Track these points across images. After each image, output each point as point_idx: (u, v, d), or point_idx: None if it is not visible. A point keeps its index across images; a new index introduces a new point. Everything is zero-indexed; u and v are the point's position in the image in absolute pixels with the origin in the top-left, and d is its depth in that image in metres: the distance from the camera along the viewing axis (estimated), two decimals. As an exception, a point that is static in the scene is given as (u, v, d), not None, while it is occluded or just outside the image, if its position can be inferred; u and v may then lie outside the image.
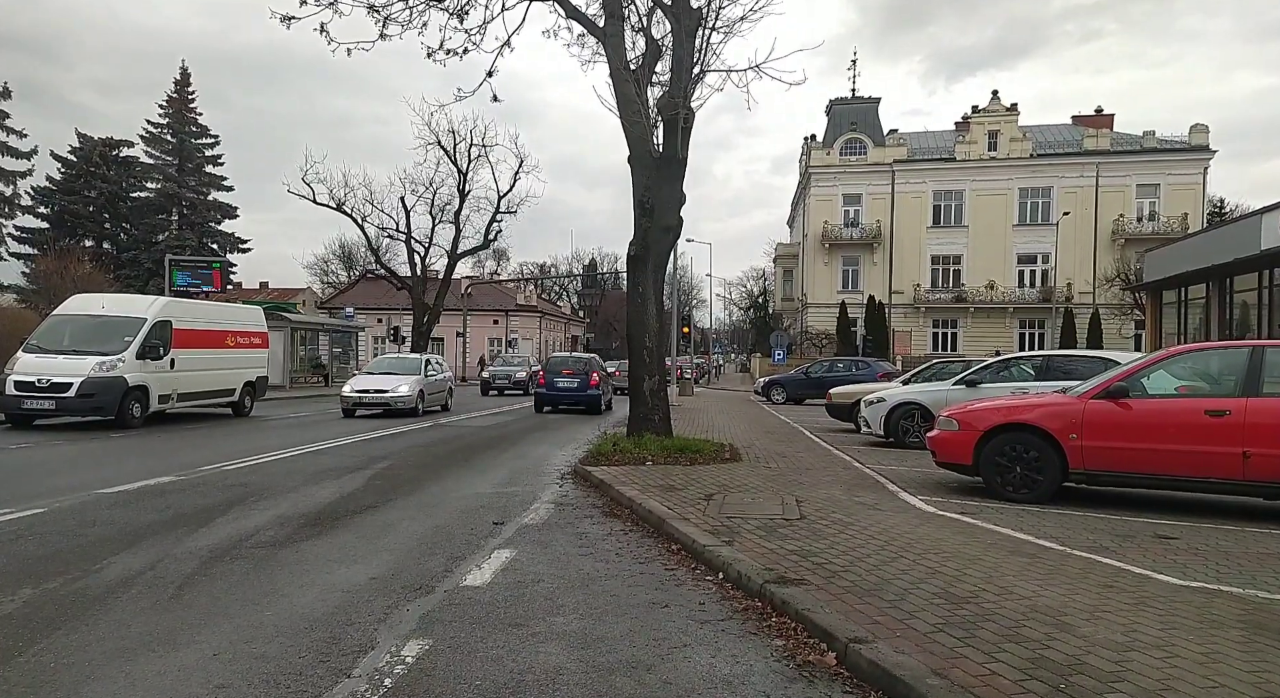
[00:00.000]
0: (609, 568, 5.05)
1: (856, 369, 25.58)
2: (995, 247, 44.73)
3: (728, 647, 3.66)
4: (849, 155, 47.50)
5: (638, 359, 11.16)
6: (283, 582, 4.56)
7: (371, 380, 18.15)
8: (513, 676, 3.25)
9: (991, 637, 3.52)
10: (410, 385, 17.76)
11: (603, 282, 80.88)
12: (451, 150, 31.20)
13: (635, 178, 11.12)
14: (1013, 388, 10.94)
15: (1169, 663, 3.24)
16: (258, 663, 3.34)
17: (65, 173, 49.12)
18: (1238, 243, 16.44)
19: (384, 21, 10.91)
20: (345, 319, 39.48)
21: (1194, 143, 43.05)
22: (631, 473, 8.55)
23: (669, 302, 27.89)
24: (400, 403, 17.33)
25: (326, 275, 74.76)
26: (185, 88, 52.29)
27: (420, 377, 18.51)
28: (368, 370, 20.00)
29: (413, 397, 17.60)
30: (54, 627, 3.73)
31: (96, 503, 6.76)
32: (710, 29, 10.72)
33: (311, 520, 6.28)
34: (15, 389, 13.01)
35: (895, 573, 4.59)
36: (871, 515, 6.43)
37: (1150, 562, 5.09)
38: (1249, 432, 6.42)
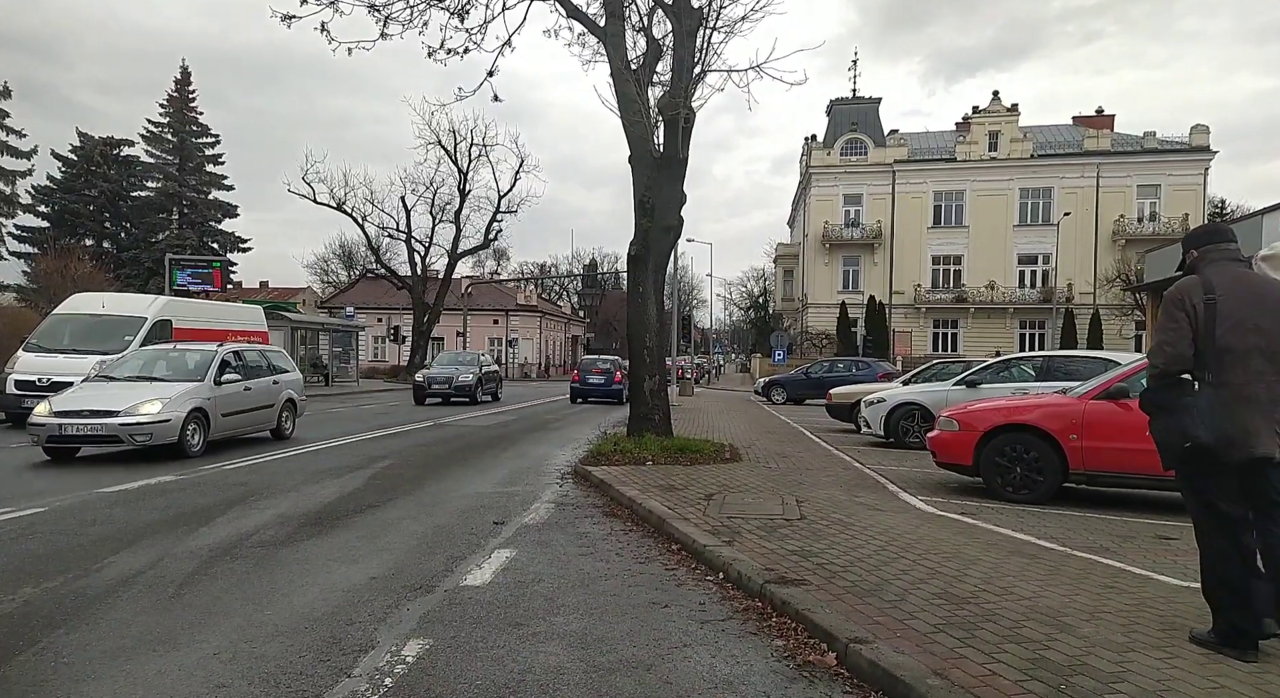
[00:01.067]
0: (609, 568, 5.05)
1: (857, 370, 25.58)
2: (996, 247, 44.75)
3: (728, 647, 3.66)
4: (849, 155, 47.50)
5: (638, 359, 11.16)
6: (283, 581, 4.56)
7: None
8: (513, 675, 3.25)
9: (992, 637, 3.52)
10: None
11: (603, 282, 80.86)
12: (452, 150, 31.30)
13: (636, 178, 11.12)
14: (1013, 389, 10.94)
15: (1169, 663, 3.24)
16: (258, 662, 3.34)
17: (66, 172, 49.16)
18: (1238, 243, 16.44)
19: (385, 21, 10.91)
20: (345, 319, 39.46)
21: (1194, 143, 43.07)
22: (632, 473, 8.55)
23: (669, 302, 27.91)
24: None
25: (327, 275, 74.81)
26: (186, 87, 52.31)
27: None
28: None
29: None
30: (54, 626, 3.74)
31: (97, 502, 6.77)
32: (711, 29, 10.71)
33: (312, 520, 6.28)
34: (16, 388, 13.02)
35: (895, 573, 4.59)
36: (872, 516, 6.43)
37: (1150, 562, 5.09)
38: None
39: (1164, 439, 3.43)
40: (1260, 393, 3.29)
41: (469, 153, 31.71)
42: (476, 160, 32.14)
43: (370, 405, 21.30)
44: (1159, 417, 3.46)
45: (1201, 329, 3.33)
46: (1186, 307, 3.37)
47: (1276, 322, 3.31)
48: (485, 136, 32.51)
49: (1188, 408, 3.32)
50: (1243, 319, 3.31)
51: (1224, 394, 3.29)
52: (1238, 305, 3.32)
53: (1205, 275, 3.42)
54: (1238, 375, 3.30)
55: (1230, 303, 3.32)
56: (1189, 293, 3.39)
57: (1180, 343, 3.36)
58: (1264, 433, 3.27)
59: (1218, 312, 3.31)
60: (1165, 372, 3.42)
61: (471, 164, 32.05)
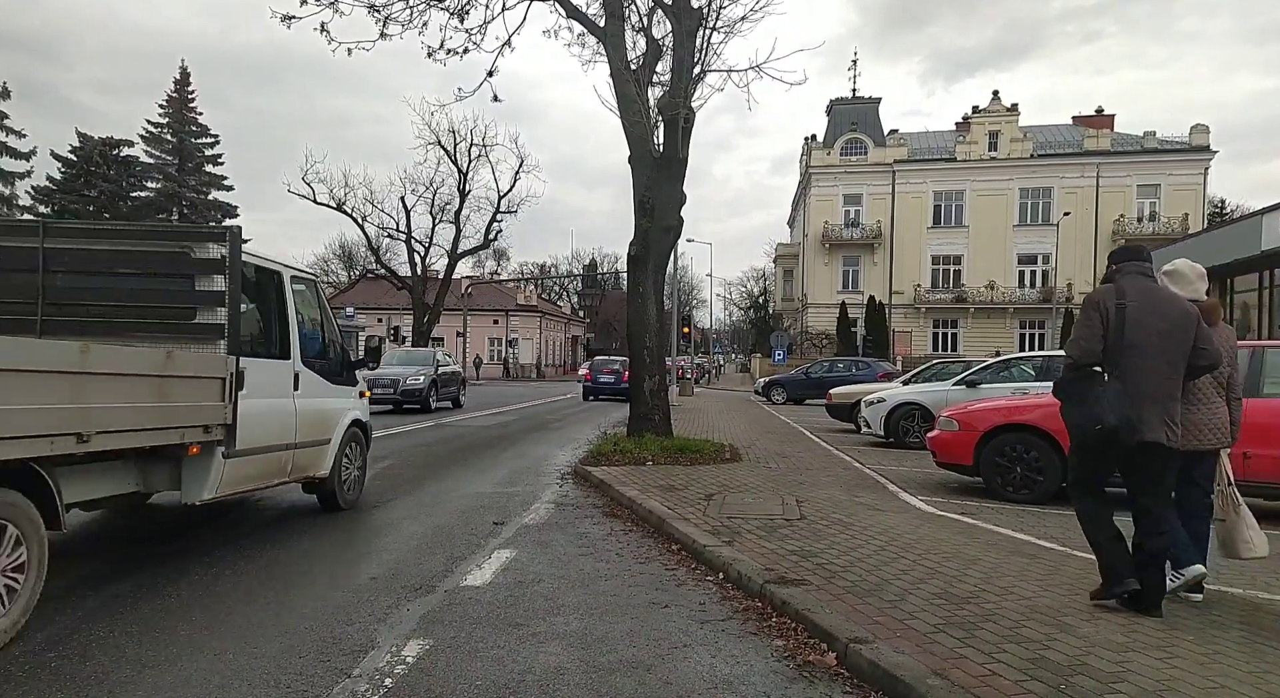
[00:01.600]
0: (609, 568, 5.05)
1: (856, 369, 25.59)
2: (996, 247, 44.76)
3: (728, 647, 3.66)
4: (849, 155, 47.53)
5: (638, 359, 11.16)
6: (283, 582, 4.56)
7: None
8: (513, 676, 3.25)
9: (992, 637, 3.52)
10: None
11: (603, 282, 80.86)
12: (452, 150, 31.28)
13: (636, 178, 11.12)
14: (1013, 388, 10.94)
15: (1169, 663, 3.24)
16: (258, 663, 3.34)
17: (65, 172, 49.15)
18: (1238, 243, 16.45)
19: (384, 21, 10.91)
20: (345, 319, 39.50)
21: (1194, 143, 43.09)
22: (632, 473, 8.55)
23: (669, 302, 27.93)
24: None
25: (327, 275, 74.67)
26: (185, 87, 52.35)
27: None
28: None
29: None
30: (50, 627, 3.73)
31: (97, 503, 6.75)
32: (711, 29, 10.72)
33: (311, 520, 6.28)
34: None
35: (895, 573, 4.59)
36: (872, 516, 6.43)
37: (1150, 562, 5.08)
38: (1249, 432, 6.39)
39: (1076, 423, 3.99)
40: (1154, 387, 3.83)
41: (469, 153, 31.73)
42: (476, 160, 32.14)
43: (370, 405, 21.25)
44: (1071, 403, 4.01)
45: (1112, 329, 3.86)
46: (1101, 309, 3.90)
47: (1172, 326, 3.85)
48: (485, 137, 32.43)
49: (1098, 397, 3.83)
50: (1146, 323, 3.84)
51: (1126, 386, 3.81)
52: (1143, 311, 3.85)
53: (1120, 285, 3.96)
54: (1138, 371, 3.83)
55: (1137, 309, 3.86)
56: (1104, 298, 3.93)
57: (1092, 340, 3.91)
58: (1155, 421, 3.82)
59: (1126, 316, 3.85)
60: (1077, 364, 3.99)
61: (471, 164, 32.07)
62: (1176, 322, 3.87)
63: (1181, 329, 3.87)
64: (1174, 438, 3.88)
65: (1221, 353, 4.03)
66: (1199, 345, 3.89)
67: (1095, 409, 3.83)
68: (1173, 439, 3.88)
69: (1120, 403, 3.77)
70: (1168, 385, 3.87)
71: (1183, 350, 3.88)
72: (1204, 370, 3.99)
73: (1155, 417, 3.82)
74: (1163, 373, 3.86)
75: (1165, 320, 3.86)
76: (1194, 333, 3.89)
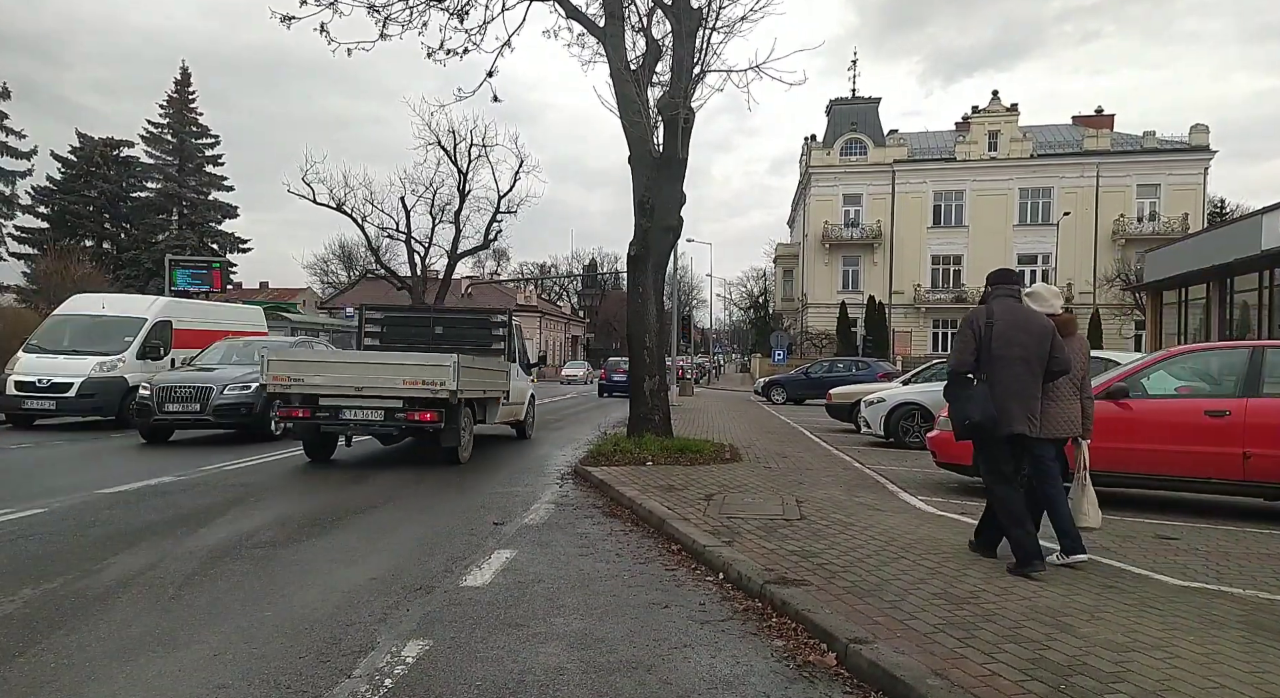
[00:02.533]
0: (609, 568, 5.05)
1: (856, 369, 25.61)
2: (996, 247, 44.72)
3: (728, 647, 3.66)
4: (849, 155, 47.53)
5: (638, 359, 11.15)
6: (283, 582, 4.56)
7: None
8: (513, 676, 3.25)
9: (991, 637, 3.52)
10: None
11: (603, 282, 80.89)
12: (451, 150, 31.22)
13: (635, 178, 11.11)
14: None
15: (1169, 664, 3.24)
16: (258, 663, 3.34)
17: (65, 173, 49.09)
18: (1238, 243, 16.44)
19: (384, 21, 10.91)
20: (345, 319, 39.46)
21: (1194, 143, 43.10)
22: (632, 473, 8.55)
23: (669, 302, 27.92)
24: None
25: (326, 275, 74.80)
26: (185, 88, 52.25)
27: None
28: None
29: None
30: (54, 627, 3.74)
31: (96, 503, 6.76)
32: (710, 29, 10.71)
33: (312, 520, 6.28)
34: (16, 389, 13.01)
35: (895, 573, 4.59)
36: (872, 516, 6.43)
37: (1150, 562, 5.09)
38: (1249, 432, 6.42)
39: (954, 418, 4.87)
40: (1017, 388, 4.66)
41: (469, 153, 31.66)
42: (476, 161, 32.07)
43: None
44: (952, 403, 4.91)
45: (983, 343, 4.72)
46: (975, 326, 4.77)
47: (1030, 339, 4.69)
48: (485, 137, 32.26)
49: (969, 398, 4.72)
50: (1010, 337, 4.68)
51: (993, 388, 4.67)
52: (1007, 328, 4.70)
53: (990, 306, 4.85)
54: (1003, 375, 4.67)
55: (1003, 325, 4.70)
56: (978, 316, 4.82)
57: (966, 352, 4.77)
58: (1017, 416, 4.65)
59: (994, 332, 4.69)
60: (956, 371, 4.84)
61: (471, 164, 32.01)
62: (1035, 335, 4.71)
63: (1039, 341, 4.71)
64: (1035, 430, 4.74)
65: (1073, 360, 4.87)
66: (1054, 354, 4.72)
67: (966, 407, 4.71)
68: (1034, 430, 4.74)
69: (986, 402, 4.64)
70: (1029, 387, 4.70)
71: (1041, 358, 4.70)
72: (1058, 374, 4.79)
73: (1019, 413, 4.65)
74: (1025, 377, 4.68)
75: (1026, 334, 4.70)
76: (1050, 344, 4.72)
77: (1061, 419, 4.92)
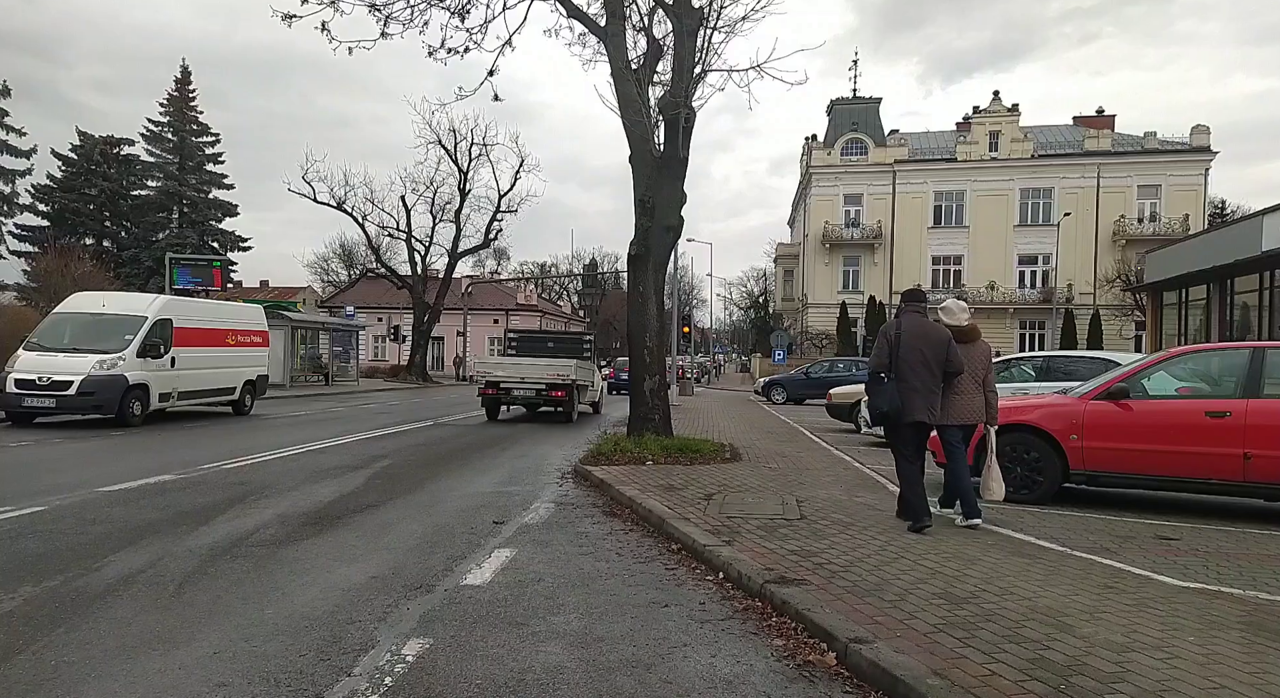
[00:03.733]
0: (609, 567, 5.05)
1: (856, 369, 25.58)
2: (996, 247, 44.74)
3: (728, 646, 3.66)
4: (850, 155, 47.50)
5: (638, 359, 11.16)
6: (283, 580, 4.56)
7: None
8: (513, 675, 3.25)
9: (992, 637, 3.52)
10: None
11: (603, 281, 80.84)
12: (452, 149, 31.27)
13: (636, 177, 11.11)
14: (1013, 389, 10.93)
15: (1169, 664, 3.24)
16: (258, 661, 3.34)
17: (66, 171, 49.09)
18: (1239, 244, 16.42)
19: (385, 20, 10.95)
20: (346, 318, 39.46)
21: (1195, 144, 43.06)
22: (632, 473, 8.55)
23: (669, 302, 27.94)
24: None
25: (327, 274, 74.73)
26: (186, 87, 52.24)
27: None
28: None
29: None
30: (55, 625, 3.74)
31: (97, 501, 6.77)
32: (712, 29, 10.72)
33: (312, 519, 6.28)
34: (16, 387, 13.00)
35: (895, 573, 4.59)
36: (872, 516, 6.43)
37: (1151, 563, 5.09)
38: (1249, 433, 6.42)
39: (870, 408, 6.13)
40: (919, 385, 5.78)
41: (469, 152, 31.73)
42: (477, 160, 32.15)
43: (370, 405, 21.30)
44: (870, 397, 6.10)
45: (893, 348, 5.85)
46: (889, 336, 5.93)
47: (930, 346, 5.82)
48: (485, 136, 32.42)
49: (882, 392, 5.86)
50: (913, 345, 5.81)
51: (900, 386, 5.80)
52: (911, 337, 5.84)
53: (899, 320, 6.03)
54: (907, 375, 5.79)
55: (909, 336, 5.85)
56: (890, 328, 6.01)
57: (881, 357, 5.92)
58: (919, 408, 5.79)
59: (901, 341, 5.84)
60: (872, 372, 5.99)
61: (472, 164, 32.07)
62: (934, 343, 5.83)
63: (937, 348, 5.82)
64: (934, 419, 5.90)
65: (975, 361, 6.07)
66: (950, 358, 5.84)
67: (878, 400, 5.90)
68: (933, 420, 5.89)
69: (893, 396, 5.79)
70: (930, 385, 5.81)
71: (939, 361, 5.82)
72: (954, 374, 5.91)
73: (920, 405, 5.78)
74: (925, 377, 5.79)
75: (926, 342, 5.82)
76: (947, 350, 5.84)
77: (966, 409, 6.05)
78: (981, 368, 6.13)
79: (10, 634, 3.60)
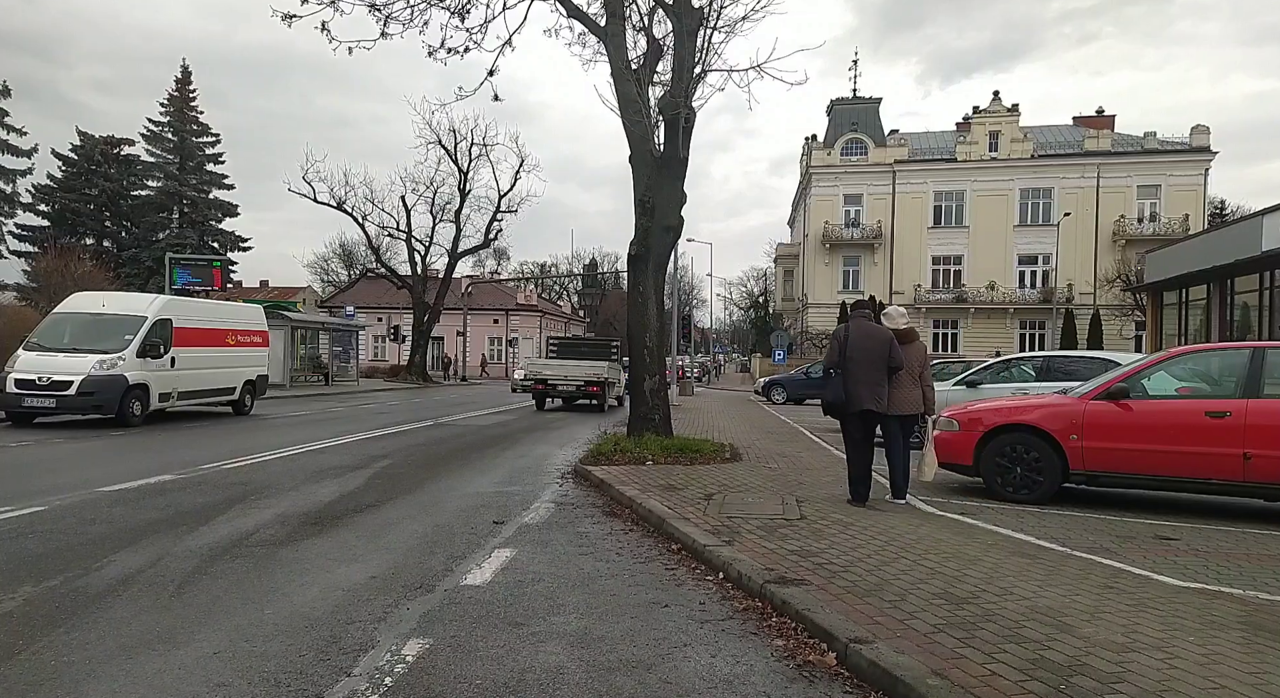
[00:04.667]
0: (609, 567, 5.05)
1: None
2: (996, 247, 44.71)
3: (728, 647, 3.66)
4: (850, 155, 47.47)
5: (638, 359, 11.15)
6: (283, 580, 4.56)
7: None
8: (513, 675, 3.25)
9: (992, 637, 3.52)
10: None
11: (603, 281, 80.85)
12: (452, 149, 31.27)
13: (636, 177, 11.11)
14: (1013, 389, 10.94)
15: (1169, 664, 3.24)
16: (258, 661, 3.34)
17: (66, 171, 49.11)
18: (1239, 244, 16.42)
19: (385, 20, 10.94)
20: (346, 318, 39.43)
21: (1195, 144, 43.03)
22: (632, 473, 8.54)
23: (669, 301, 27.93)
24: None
25: (327, 274, 74.80)
26: (186, 87, 52.29)
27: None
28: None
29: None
30: (54, 625, 3.74)
31: (97, 501, 6.76)
32: (712, 28, 10.72)
33: (312, 519, 6.28)
34: (16, 387, 13.00)
35: (895, 573, 4.59)
36: (872, 516, 6.43)
37: (1151, 563, 5.09)
38: (1249, 433, 6.42)
39: (823, 399, 7.15)
40: (866, 379, 6.74)
41: (469, 152, 31.73)
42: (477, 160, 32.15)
43: (370, 405, 21.30)
44: (825, 389, 7.06)
45: (843, 348, 6.84)
46: (840, 338, 6.92)
47: (873, 345, 6.79)
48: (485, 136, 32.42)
49: (831, 386, 6.91)
50: (859, 345, 6.80)
51: (849, 379, 6.76)
52: (857, 338, 6.83)
53: (848, 324, 7.03)
54: (856, 371, 6.77)
55: (854, 338, 6.83)
56: (840, 332, 7.00)
57: (833, 355, 6.94)
58: (866, 398, 6.73)
59: (848, 342, 6.83)
60: (826, 368, 7.06)
61: (472, 164, 32.07)
62: (877, 343, 6.80)
63: (879, 347, 6.78)
64: (881, 408, 6.80)
65: (912, 359, 6.97)
66: (891, 356, 6.79)
67: (827, 393, 6.98)
68: (880, 408, 6.80)
69: (837, 390, 6.82)
70: (875, 378, 6.76)
71: (883, 358, 6.77)
72: (895, 370, 6.83)
73: (866, 396, 6.73)
74: (870, 372, 6.75)
75: (871, 343, 6.80)
76: (889, 349, 6.79)
77: (905, 402, 6.96)
78: (918, 364, 7.04)
79: (10, 634, 3.60)
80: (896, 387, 6.86)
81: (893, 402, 6.85)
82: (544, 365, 21.58)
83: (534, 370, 21.31)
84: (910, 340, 7.10)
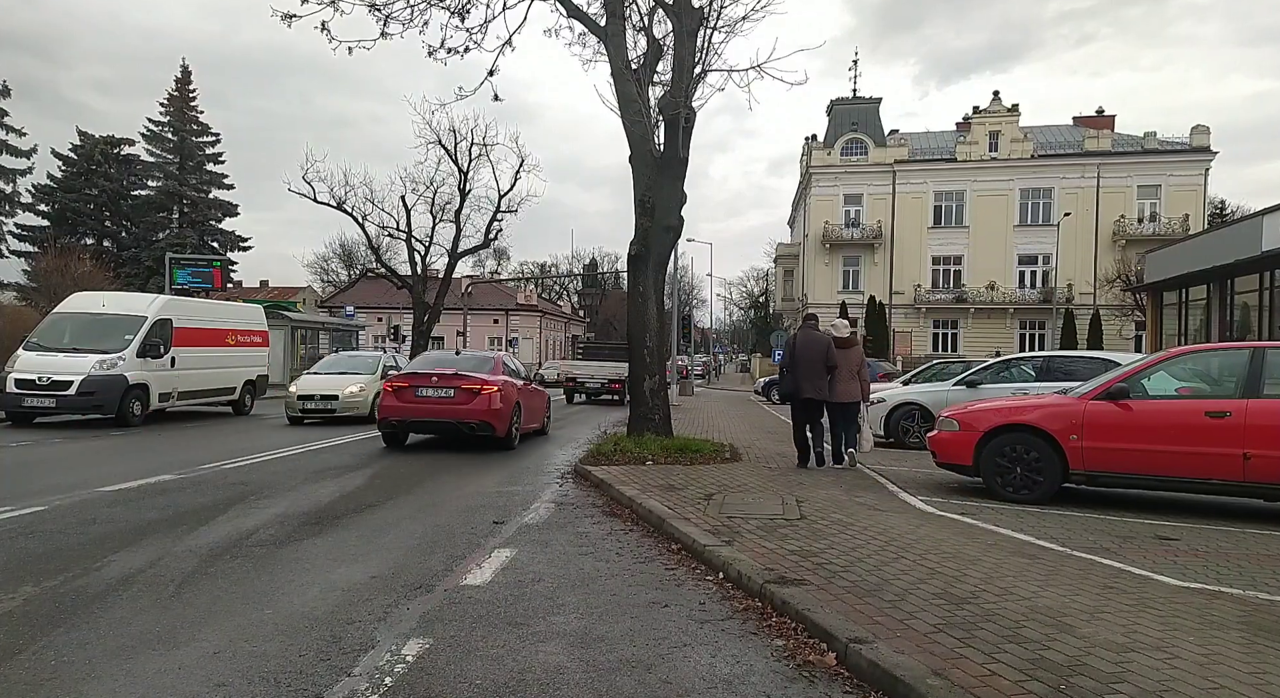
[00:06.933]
0: (609, 567, 5.05)
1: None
2: (996, 247, 44.70)
3: (728, 647, 3.66)
4: (850, 155, 47.45)
5: (638, 359, 11.14)
6: (283, 580, 4.56)
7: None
8: (513, 675, 3.25)
9: (991, 637, 3.52)
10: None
11: (603, 281, 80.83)
12: (452, 149, 31.15)
13: (636, 177, 11.11)
14: (1013, 389, 10.93)
15: (1169, 664, 3.24)
16: (258, 661, 3.34)
17: (66, 171, 49.08)
18: (1239, 244, 16.42)
19: (385, 20, 10.93)
20: (345, 318, 39.46)
21: (1195, 144, 43.01)
22: (632, 473, 8.54)
23: (669, 301, 27.93)
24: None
25: (327, 274, 74.79)
26: (186, 87, 52.23)
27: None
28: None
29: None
30: (55, 625, 3.74)
31: (97, 501, 6.77)
32: (712, 29, 10.71)
33: (312, 519, 6.28)
34: (16, 387, 13.01)
35: (895, 573, 4.59)
36: (872, 516, 6.43)
37: (1150, 563, 5.09)
38: (1249, 433, 6.42)
39: (778, 390, 10.96)
40: (809, 374, 8.90)
41: (469, 152, 31.62)
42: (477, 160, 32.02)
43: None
44: (780, 382, 9.55)
45: (792, 352, 9.06)
46: (790, 344, 9.21)
47: (815, 348, 8.95)
48: (485, 136, 32.22)
49: (784, 381, 9.19)
50: (803, 350, 8.97)
51: (797, 375, 8.95)
52: (802, 346, 8.99)
53: (797, 332, 9.27)
54: (800, 370, 8.94)
55: (801, 344, 9.01)
56: (792, 339, 9.26)
57: (786, 356, 9.20)
58: (808, 389, 8.91)
59: (796, 347, 9.03)
60: (781, 367, 9.30)
61: (472, 164, 31.95)
62: (818, 347, 8.96)
63: (820, 351, 8.93)
64: (822, 396, 8.96)
65: (849, 358, 9.02)
66: (828, 357, 8.91)
67: (781, 386, 9.19)
68: (821, 397, 8.96)
69: (790, 382, 9.06)
70: (817, 374, 8.91)
71: (823, 360, 8.90)
72: (832, 368, 8.91)
73: (809, 387, 8.90)
74: (813, 370, 8.90)
75: (814, 347, 8.96)
76: (826, 352, 8.90)
77: (846, 392, 8.98)
78: (857, 363, 9.10)
79: (10, 634, 3.60)
80: (838, 380, 8.94)
81: (835, 392, 8.95)
82: (572, 366, 25.90)
83: (564, 369, 26.37)
84: (850, 345, 9.22)
